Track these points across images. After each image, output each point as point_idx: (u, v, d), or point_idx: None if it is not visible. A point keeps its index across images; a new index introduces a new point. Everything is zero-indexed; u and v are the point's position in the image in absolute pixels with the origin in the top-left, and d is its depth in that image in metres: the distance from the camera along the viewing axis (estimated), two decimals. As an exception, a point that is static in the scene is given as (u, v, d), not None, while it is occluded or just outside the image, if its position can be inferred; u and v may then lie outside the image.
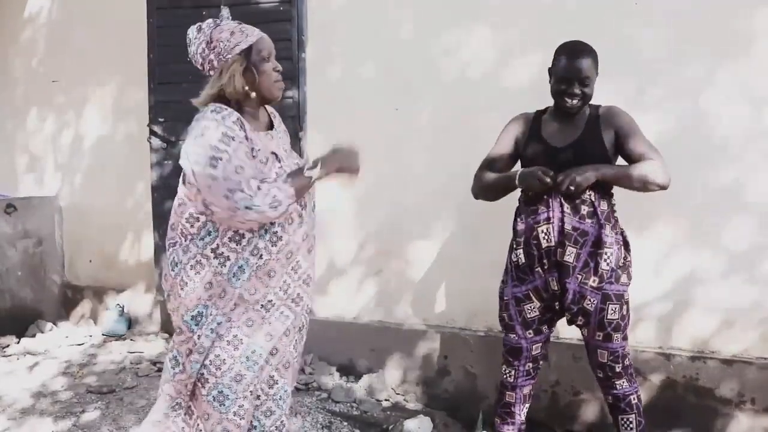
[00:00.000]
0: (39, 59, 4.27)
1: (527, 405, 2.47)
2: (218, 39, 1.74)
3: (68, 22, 4.13)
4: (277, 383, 1.84)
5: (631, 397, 2.33)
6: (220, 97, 1.77)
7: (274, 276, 1.73)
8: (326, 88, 3.35)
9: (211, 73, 1.77)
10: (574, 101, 2.24)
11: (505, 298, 2.40)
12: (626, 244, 2.32)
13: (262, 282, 1.72)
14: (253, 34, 1.77)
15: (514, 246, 2.35)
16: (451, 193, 3.09)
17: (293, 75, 3.34)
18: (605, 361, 2.29)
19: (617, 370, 2.30)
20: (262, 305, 1.73)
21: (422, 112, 3.16)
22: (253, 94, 1.77)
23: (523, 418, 2.48)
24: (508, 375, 2.43)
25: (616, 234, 2.27)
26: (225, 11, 1.83)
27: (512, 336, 2.40)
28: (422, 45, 3.15)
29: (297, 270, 1.78)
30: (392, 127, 3.22)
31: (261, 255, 1.70)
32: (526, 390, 2.44)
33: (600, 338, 2.27)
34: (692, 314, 2.75)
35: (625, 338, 2.31)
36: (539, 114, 2.41)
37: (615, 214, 2.29)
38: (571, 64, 2.22)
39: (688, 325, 2.76)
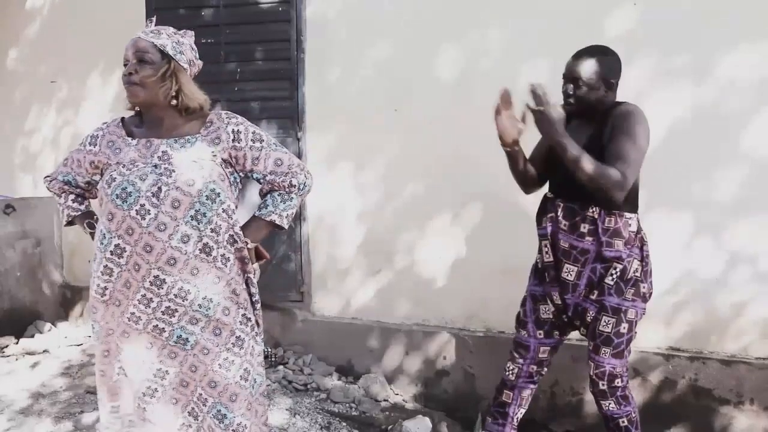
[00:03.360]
0: (38, 59, 4.26)
1: (523, 409, 2.44)
2: None
3: (67, 22, 4.12)
4: (206, 402, 1.79)
5: (620, 420, 2.24)
6: None
7: (130, 287, 1.73)
8: (325, 88, 3.35)
9: None
10: (566, 101, 2.19)
11: (525, 293, 2.42)
12: (643, 259, 2.21)
13: (122, 293, 1.74)
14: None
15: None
16: (451, 194, 3.09)
17: (292, 75, 3.34)
18: (591, 373, 2.24)
19: (601, 387, 2.22)
20: (128, 318, 1.76)
21: (421, 113, 3.16)
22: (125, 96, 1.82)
23: (516, 423, 2.45)
24: (510, 372, 2.41)
25: (629, 248, 2.17)
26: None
27: (523, 333, 2.39)
28: (421, 45, 3.15)
29: (161, 286, 1.71)
30: (391, 127, 3.22)
31: (112, 270, 1.73)
32: (525, 393, 2.42)
33: (591, 347, 2.24)
34: (692, 314, 2.75)
35: (616, 356, 2.19)
36: None
37: (630, 229, 2.16)
38: (568, 64, 2.19)
39: (688, 325, 2.76)
